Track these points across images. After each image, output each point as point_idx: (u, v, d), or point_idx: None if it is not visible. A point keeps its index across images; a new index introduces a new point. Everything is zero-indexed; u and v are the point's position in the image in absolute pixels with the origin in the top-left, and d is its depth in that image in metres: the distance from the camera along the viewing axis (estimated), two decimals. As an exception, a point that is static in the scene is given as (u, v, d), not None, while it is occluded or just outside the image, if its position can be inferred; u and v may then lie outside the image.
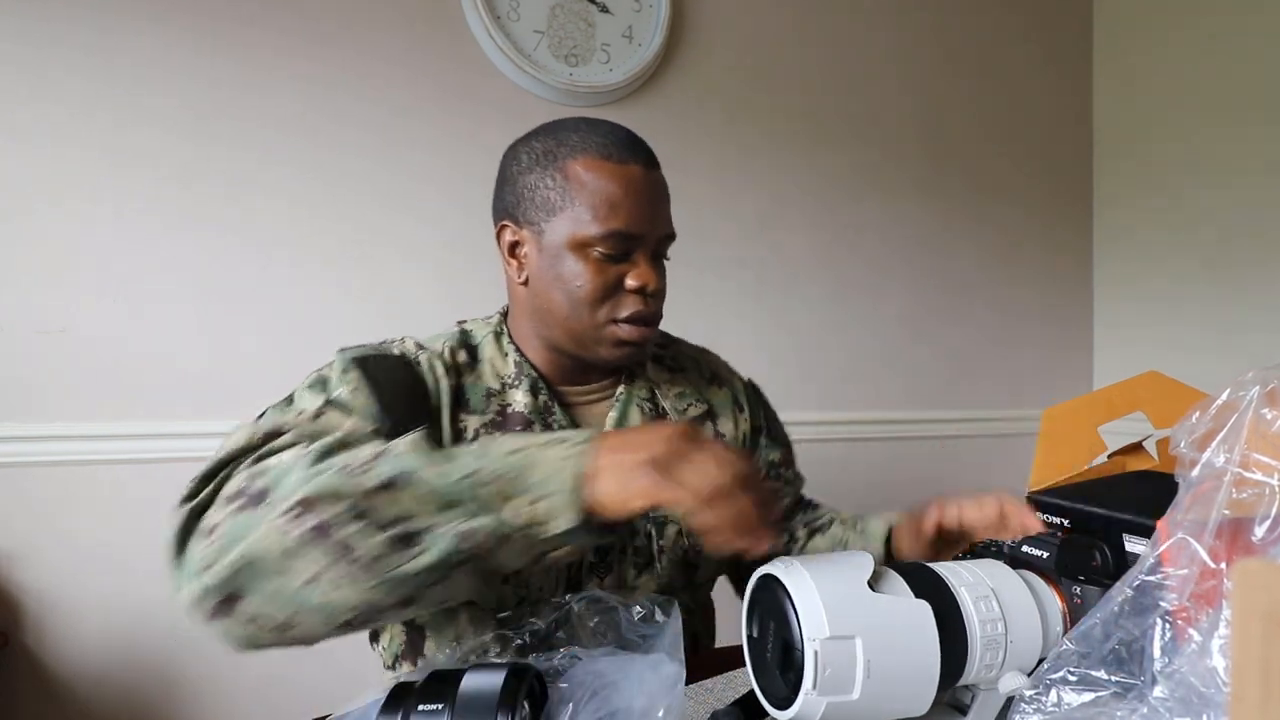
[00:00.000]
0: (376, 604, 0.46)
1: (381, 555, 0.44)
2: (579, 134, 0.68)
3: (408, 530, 0.45)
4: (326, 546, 0.44)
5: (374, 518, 0.45)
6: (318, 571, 0.45)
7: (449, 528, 0.45)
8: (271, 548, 0.45)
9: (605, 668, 0.44)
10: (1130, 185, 2.03)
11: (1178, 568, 0.33)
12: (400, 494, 0.45)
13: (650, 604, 0.51)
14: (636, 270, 0.67)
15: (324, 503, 0.45)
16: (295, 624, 0.47)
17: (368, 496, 0.45)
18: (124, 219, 1.21)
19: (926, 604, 0.44)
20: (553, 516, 0.46)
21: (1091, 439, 0.80)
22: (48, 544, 1.17)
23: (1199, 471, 0.34)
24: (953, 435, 1.90)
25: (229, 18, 1.27)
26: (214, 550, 0.46)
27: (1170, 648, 0.33)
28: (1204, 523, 0.33)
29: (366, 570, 0.45)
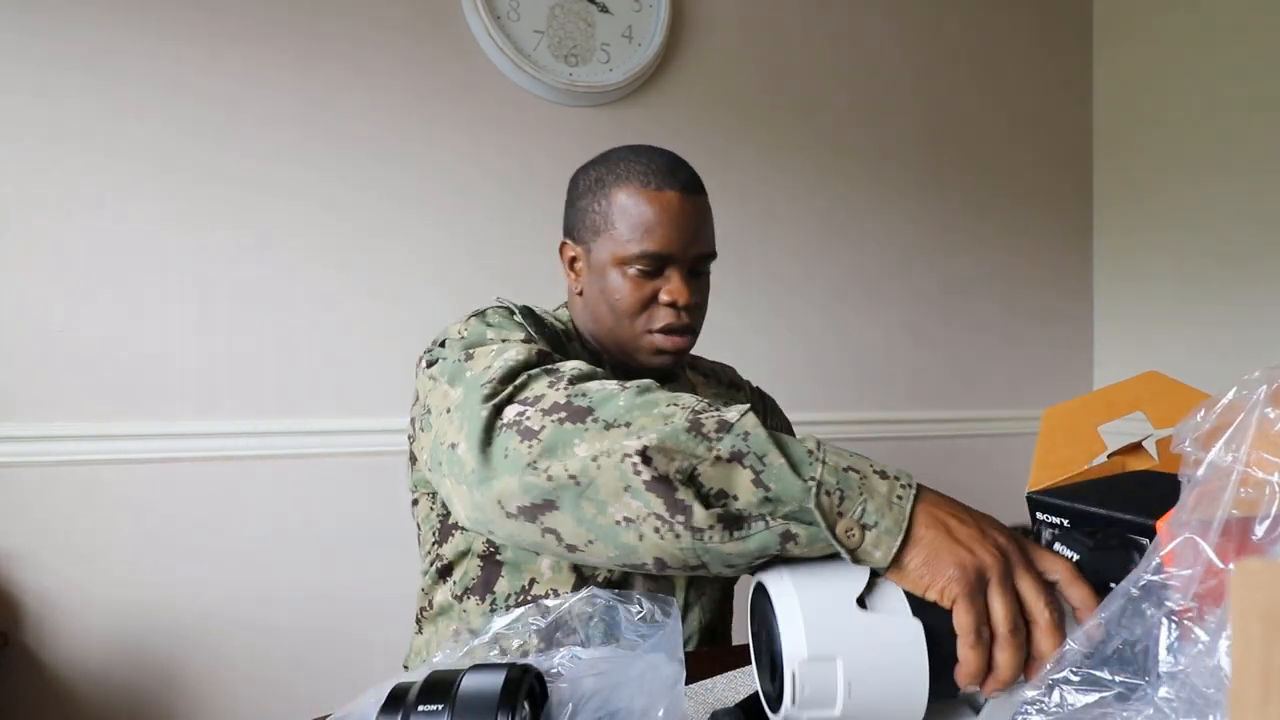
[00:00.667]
0: (671, 561, 0.47)
1: (709, 527, 0.45)
2: (625, 163, 0.77)
3: (739, 512, 0.46)
4: (664, 499, 0.45)
5: (709, 484, 0.46)
6: (641, 516, 0.46)
7: (778, 524, 0.46)
8: (611, 479, 0.46)
9: (605, 668, 0.44)
10: (1130, 185, 2.03)
11: (1183, 567, 0.33)
12: (741, 472, 0.46)
13: (650, 603, 0.51)
14: (669, 286, 0.75)
15: (669, 455, 0.46)
16: (585, 550, 0.49)
17: (711, 464, 0.46)
18: (124, 219, 1.21)
19: (918, 622, 0.43)
20: (873, 551, 0.45)
21: (1091, 439, 0.80)
22: (48, 544, 1.17)
23: (1204, 470, 0.34)
24: (953, 435, 1.90)
25: (229, 18, 1.27)
26: (537, 451, 0.48)
27: (1176, 648, 0.33)
28: (1210, 521, 0.32)
29: (686, 533, 0.46)
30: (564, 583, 0.71)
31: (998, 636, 0.42)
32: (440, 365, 0.64)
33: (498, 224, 1.46)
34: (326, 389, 1.33)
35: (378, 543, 1.34)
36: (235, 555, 1.26)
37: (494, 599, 0.73)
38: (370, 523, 1.34)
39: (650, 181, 0.75)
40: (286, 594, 1.30)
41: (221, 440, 1.26)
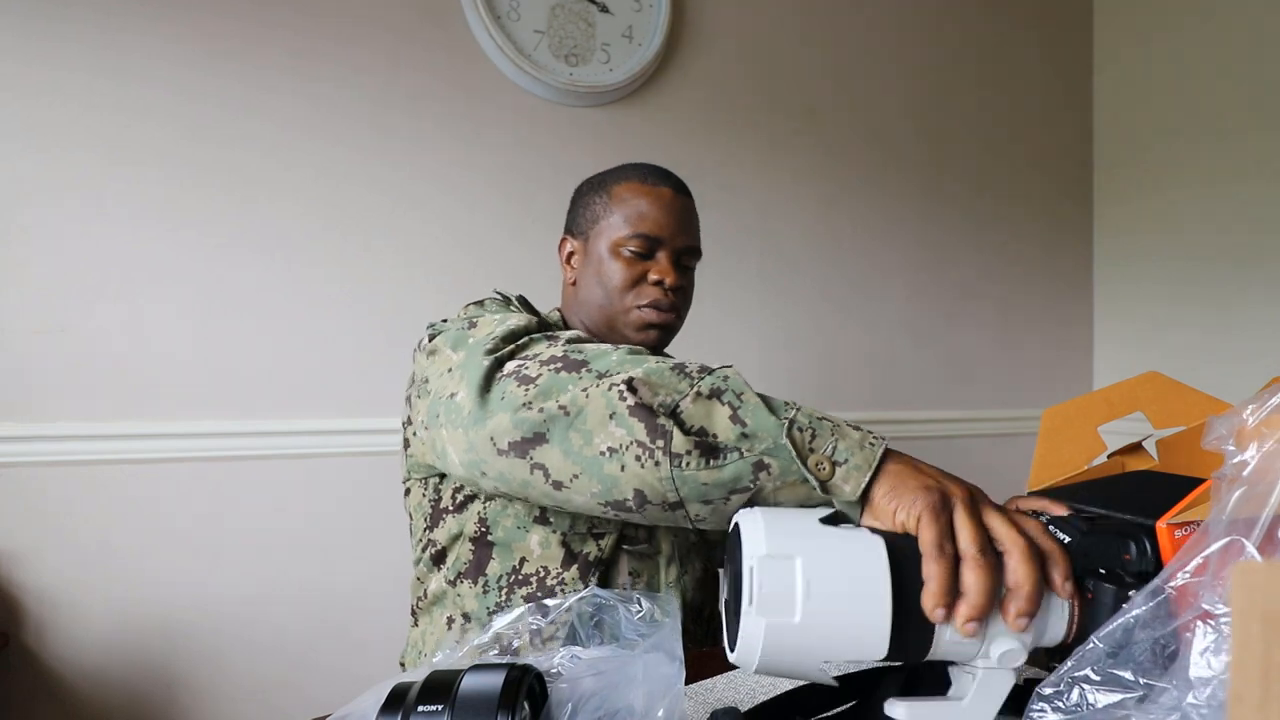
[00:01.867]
0: (651, 495, 0.50)
1: (687, 453, 0.48)
2: (625, 168, 0.87)
3: (716, 443, 0.49)
4: (645, 424, 0.49)
5: (690, 420, 0.49)
6: (624, 444, 0.49)
7: (752, 455, 0.48)
8: (596, 407, 0.50)
9: (605, 667, 0.44)
10: (1130, 186, 2.03)
11: (1223, 568, 0.32)
12: (719, 409, 0.50)
13: (650, 603, 0.51)
14: (658, 267, 0.83)
15: (653, 388, 0.51)
16: (570, 488, 0.52)
17: (692, 400, 0.50)
18: (124, 219, 1.21)
19: (880, 538, 0.42)
20: (844, 485, 0.47)
21: (1091, 439, 0.80)
22: (48, 544, 1.17)
23: (1249, 471, 0.33)
24: (953, 435, 1.90)
25: (229, 18, 1.27)
26: (532, 394, 0.53)
27: (1212, 652, 0.31)
28: (1255, 522, 0.32)
29: (665, 460, 0.48)
30: (552, 559, 0.73)
31: (965, 556, 0.42)
32: (443, 335, 0.69)
33: (498, 224, 1.46)
34: (326, 389, 1.33)
35: (377, 542, 1.34)
36: (235, 555, 1.26)
37: (486, 581, 0.74)
38: (369, 523, 1.34)
39: (647, 179, 0.85)
40: (286, 593, 1.30)
41: (221, 440, 1.26)
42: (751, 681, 0.63)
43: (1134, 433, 0.83)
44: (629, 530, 0.77)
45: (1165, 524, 0.61)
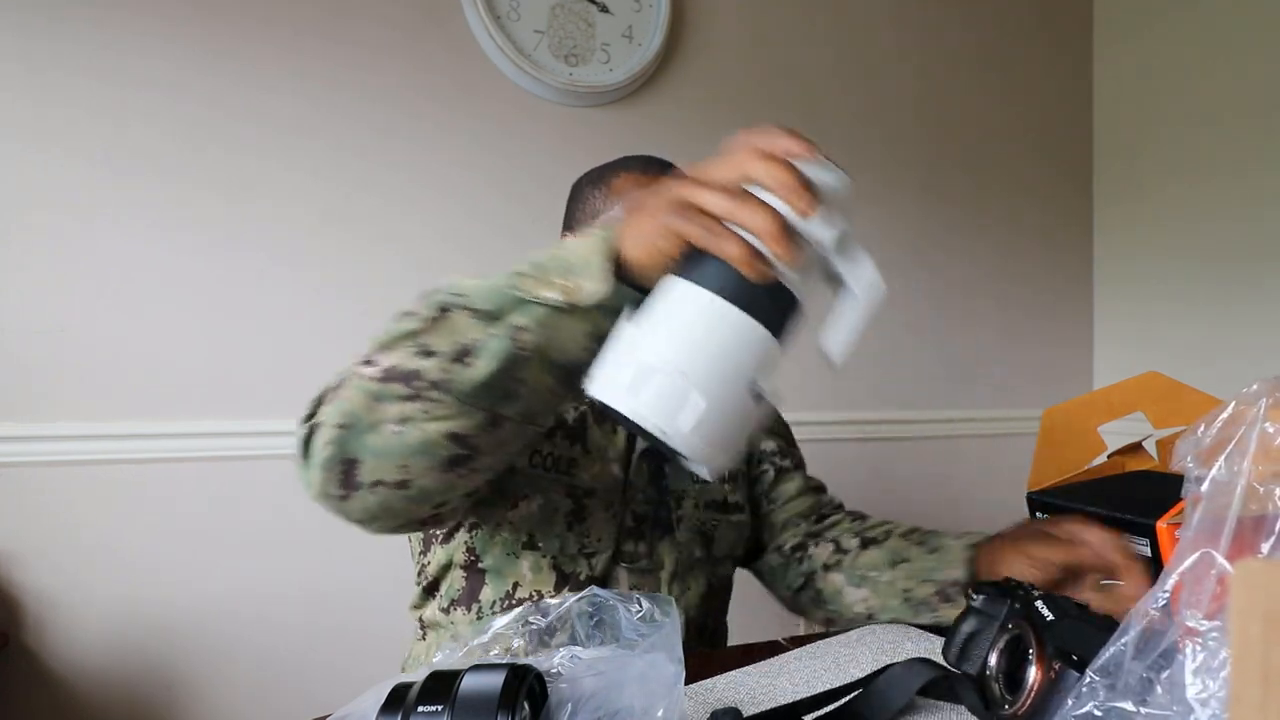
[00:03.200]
0: (466, 431, 0.49)
1: (447, 374, 0.47)
2: (626, 160, 0.85)
3: (465, 345, 0.48)
4: (400, 385, 0.48)
5: (436, 346, 0.48)
6: (402, 412, 0.48)
7: (501, 329, 0.47)
8: (358, 403, 0.49)
9: (605, 667, 0.44)
10: (1130, 184, 2.03)
11: (1201, 585, 0.32)
12: (454, 317, 0.49)
13: (650, 603, 0.51)
14: None
15: (390, 349, 0.49)
16: (412, 477, 0.50)
17: (427, 331, 0.49)
18: (123, 219, 1.21)
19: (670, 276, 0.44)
20: (586, 279, 0.47)
21: (1091, 439, 0.80)
22: (48, 544, 1.17)
23: (1207, 486, 0.33)
24: (953, 435, 1.90)
25: (228, 19, 1.27)
26: (321, 441, 0.51)
27: (1204, 670, 0.31)
28: (1219, 535, 0.32)
29: (440, 395, 0.47)
30: (545, 583, 0.73)
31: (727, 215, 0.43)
32: None
33: (498, 224, 1.46)
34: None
35: (377, 542, 1.33)
36: (235, 555, 1.26)
37: (480, 607, 0.74)
38: (370, 523, 1.34)
39: (648, 169, 0.82)
40: (286, 593, 1.30)
41: (221, 440, 1.26)
42: (751, 682, 0.63)
43: (1134, 433, 0.83)
44: (627, 546, 0.76)
45: (1165, 524, 0.61)
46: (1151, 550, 0.63)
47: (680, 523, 0.79)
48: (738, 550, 0.86)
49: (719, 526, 0.82)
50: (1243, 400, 0.34)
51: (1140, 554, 0.61)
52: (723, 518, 0.83)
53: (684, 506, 0.80)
